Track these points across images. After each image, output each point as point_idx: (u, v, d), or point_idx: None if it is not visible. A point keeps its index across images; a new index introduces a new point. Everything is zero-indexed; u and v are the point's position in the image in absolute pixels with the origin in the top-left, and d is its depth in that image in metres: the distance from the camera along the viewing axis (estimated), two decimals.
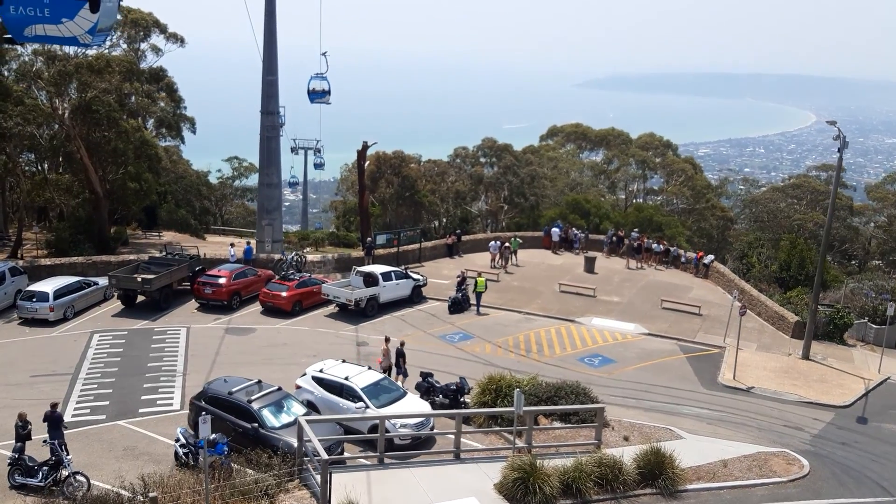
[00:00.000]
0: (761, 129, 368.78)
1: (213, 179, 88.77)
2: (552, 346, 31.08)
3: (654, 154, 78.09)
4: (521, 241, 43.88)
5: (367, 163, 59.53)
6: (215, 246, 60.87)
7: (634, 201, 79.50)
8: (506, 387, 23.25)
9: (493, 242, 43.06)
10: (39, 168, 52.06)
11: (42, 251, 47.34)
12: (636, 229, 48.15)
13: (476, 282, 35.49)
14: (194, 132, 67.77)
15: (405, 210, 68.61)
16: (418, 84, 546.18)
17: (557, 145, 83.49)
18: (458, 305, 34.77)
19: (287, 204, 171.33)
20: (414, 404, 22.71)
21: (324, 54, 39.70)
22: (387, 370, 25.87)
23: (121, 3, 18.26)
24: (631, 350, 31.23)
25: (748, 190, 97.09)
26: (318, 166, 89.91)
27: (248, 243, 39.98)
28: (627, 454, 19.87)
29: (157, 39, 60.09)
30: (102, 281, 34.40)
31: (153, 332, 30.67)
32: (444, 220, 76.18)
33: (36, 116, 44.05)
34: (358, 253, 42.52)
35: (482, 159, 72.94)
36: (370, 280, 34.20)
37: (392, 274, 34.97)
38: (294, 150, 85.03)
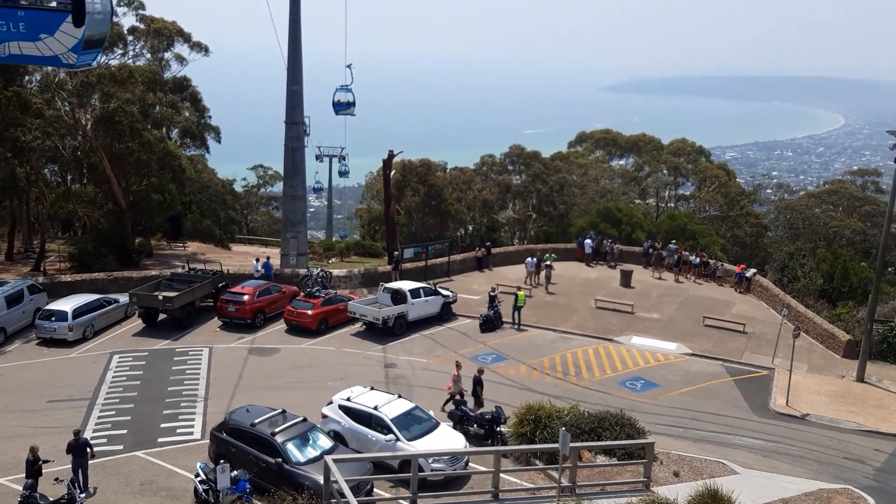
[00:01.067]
0: (789, 132, 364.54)
1: (238, 188, 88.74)
2: (591, 369, 29.48)
3: (686, 160, 76.25)
4: (555, 255, 42.10)
5: (393, 172, 58.31)
6: (240, 257, 60.09)
7: (666, 208, 77.70)
8: (545, 417, 21.76)
9: (529, 259, 41.08)
10: (62, 179, 51.50)
11: (65, 264, 46.70)
12: (673, 241, 46.29)
13: (516, 296, 34.04)
14: (219, 141, 67.15)
15: (431, 219, 67.30)
16: (440, 89, 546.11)
17: (587, 152, 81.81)
18: (490, 323, 33.23)
19: (312, 210, 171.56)
20: (447, 436, 21.28)
21: (349, 66, 38.66)
22: (456, 396, 24.24)
23: (113, 14, 16.84)
24: (674, 372, 29.53)
25: (782, 196, 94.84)
26: (343, 174, 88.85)
27: (268, 258, 38.73)
28: (681, 495, 18.27)
29: (181, 49, 59.55)
30: (123, 298, 33.41)
31: (174, 353, 29.55)
32: (471, 227, 74.86)
33: (58, 128, 43.42)
34: (384, 266, 41.19)
35: (510, 167, 71.57)
36: (398, 297, 32.81)
37: (420, 290, 33.55)
38: (319, 157, 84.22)
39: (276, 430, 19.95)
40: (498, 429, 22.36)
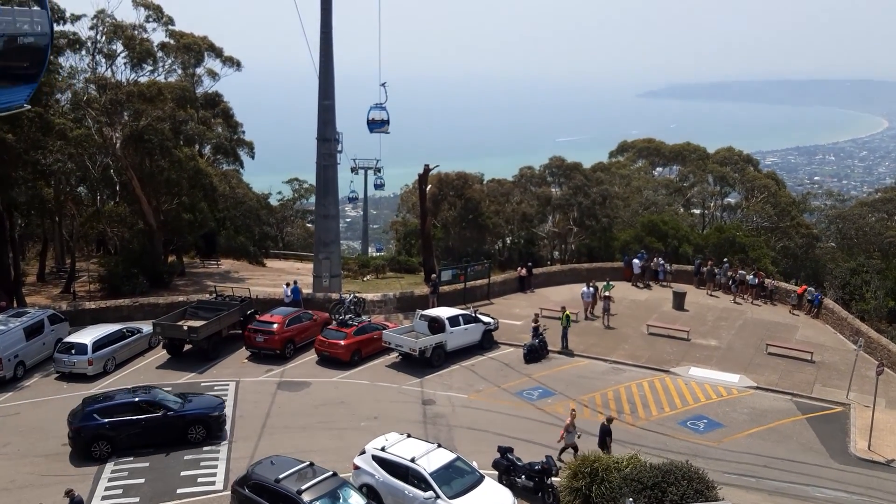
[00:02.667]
0: (831, 136, 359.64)
1: (273, 201, 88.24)
2: (647, 406, 26.94)
3: (733, 169, 73.13)
4: (613, 284, 38.22)
5: (429, 186, 56.34)
6: (273, 274, 58.74)
7: (712, 219, 74.73)
8: (602, 469, 19.42)
9: (584, 289, 36.60)
10: (92, 199, 50.48)
11: (95, 285, 45.70)
12: (726, 259, 43.42)
13: (564, 316, 31.79)
14: (253, 157, 66.07)
15: (468, 232, 65.32)
16: (473, 99, 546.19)
17: (629, 161, 79.07)
18: (534, 353, 30.81)
19: (348, 220, 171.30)
20: (493, 492, 19.07)
21: (383, 85, 37.11)
22: (570, 449, 21.66)
23: (52, 35, 14.13)
24: (739, 409, 26.88)
25: (832, 204, 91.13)
26: (379, 187, 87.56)
27: (295, 282, 36.77)
28: None
29: (213, 64, 58.31)
30: (147, 328, 31.75)
31: (199, 388, 27.61)
32: (509, 239, 72.78)
33: (88, 147, 42.32)
34: (421, 290, 39.02)
35: (549, 178, 69.27)
36: (436, 326, 30.57)
37: (460, 318, 31.26)
38: (354, 169, 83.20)
39: (304, 486, 17.98)
40: (549, 481, 20.12)
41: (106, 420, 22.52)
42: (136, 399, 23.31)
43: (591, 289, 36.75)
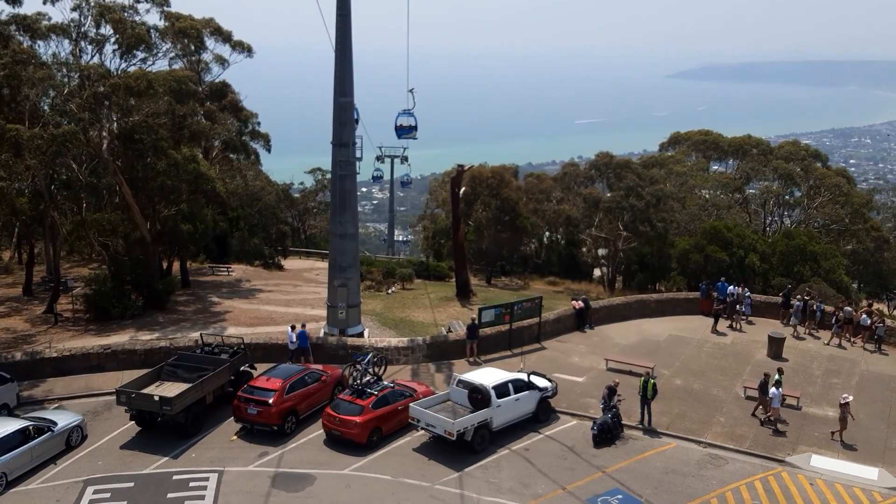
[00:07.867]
0: (867, 118, 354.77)
1: (294, 191, 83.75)
2: None
3: (798, 165, 65.66)
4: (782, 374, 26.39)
5: (462, 189, 49.96)
6: (289, 283, 53.00)
7: (772, 220, 67.40)
8: None
9: (774, 391, 24.80)
10: (77, 207, 44.31)
11: (79, 305, 40.03)
12: (817, 299, 35.12)
13: (646, 384, 24.78)
14: (269, 150, 59.80)
15: (504, 234, 59.06)
16: (496, 80, 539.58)
17: (681, 155, 71.54)
18: (607, 433, 23.73)
19: (375, 203, 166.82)
20: None
21: (411, 91, 32.19)
22: None
23: None
24: None
25: None
26: (406, 184, 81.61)
27: (303, 326, 29.99)
28: None
29: (221, 49, 51.67)
30: (65, 420, 23.42)
31: (169, 484, 21.05)
32: (547, 234, 66.64)
33: (71, 148, 36.21)
34: (456, 335, 31.88)
35: (594, 172, 62.48)
36: (478, 398, 23.50)
37: (509, 385, 24.13)
38: (380, 158, 77.68)
39: None
40: None
41: None
42: None
43: (779, 391, 25.10)
